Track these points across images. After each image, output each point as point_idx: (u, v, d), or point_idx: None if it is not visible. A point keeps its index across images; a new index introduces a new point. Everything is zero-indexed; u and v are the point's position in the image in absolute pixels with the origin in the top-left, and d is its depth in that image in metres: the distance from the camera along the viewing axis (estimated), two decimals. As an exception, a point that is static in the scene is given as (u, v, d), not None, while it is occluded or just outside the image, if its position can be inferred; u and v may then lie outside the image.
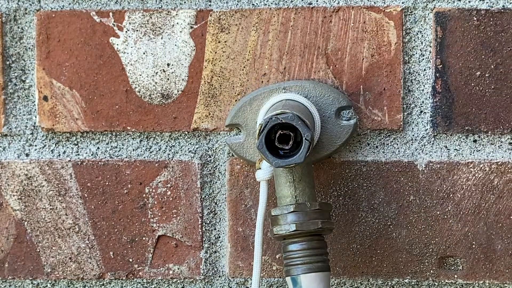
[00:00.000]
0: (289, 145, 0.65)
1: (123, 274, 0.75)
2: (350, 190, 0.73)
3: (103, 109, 0.73)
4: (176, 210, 0.74)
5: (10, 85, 0.74)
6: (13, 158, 0.75)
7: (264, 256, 0.74)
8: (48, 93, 0.74)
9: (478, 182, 0.72)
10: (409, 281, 0.73)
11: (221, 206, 0.74)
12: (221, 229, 0.74)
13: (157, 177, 0.74)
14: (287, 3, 0.72)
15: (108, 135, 0.74)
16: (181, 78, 0.73)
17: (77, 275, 0.75)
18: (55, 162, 0.74)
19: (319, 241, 0.67)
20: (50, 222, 0.74)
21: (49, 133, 0.74)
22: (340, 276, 0.74)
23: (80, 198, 0.74)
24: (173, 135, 0.74)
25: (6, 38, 0.74)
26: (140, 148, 0.74)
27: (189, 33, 0.72)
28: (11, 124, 0.74)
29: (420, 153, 0.72)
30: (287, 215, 0.67)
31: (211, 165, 0.74)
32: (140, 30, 0.73)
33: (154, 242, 0.74)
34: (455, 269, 0.73)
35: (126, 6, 0.73)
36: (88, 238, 0.74)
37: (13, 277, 0.75)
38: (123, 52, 0.73)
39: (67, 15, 0.73)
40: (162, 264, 0.74)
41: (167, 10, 0.73)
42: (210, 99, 0.73)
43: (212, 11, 0.72)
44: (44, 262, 0.75)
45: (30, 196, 0.74)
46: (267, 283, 0.74)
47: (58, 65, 0.73)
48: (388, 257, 0.73)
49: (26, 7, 0.74)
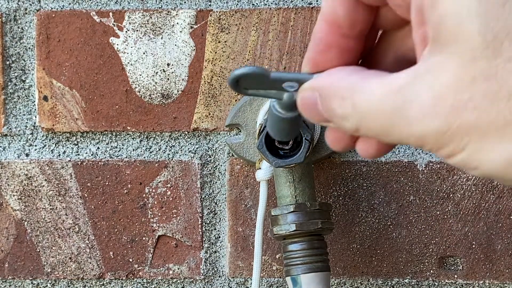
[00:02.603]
0: (289, 145, 0.65)
1: (123, 274, 0.75)
2: (350, 190, 0.73)
3: (103, 109, 0.74)
4: (176, 210, 0.74)
5: (10, 85, 0.74)
6: (13, 158, 0.75)
7: (264, 256, 0.74)
8: (48, 93, 0.74)
9: (478, 182, 0.72)
10: (409, 281, 0.73)
11: (221, 206, 0.74)
12: (221, 229, 0.74)
13: (157, 177, 0.74)
14: (287, 3, 0.72)
15: (108, 135, 0.74)
16: (181, 78, 0.73)
17: (77, 275, 0.75)
18: (55, 162, 0.74)
19: (319, 241, 0.67)
20: (50, 222, 0.74)
21: (49, 133, 0.74)
22: (340, 276, 0.74)
23: (80, 198, 0.74)
24: (173, 135, 0.74)
25: (6, 38, 0.74)
26: (140, 148, 0.74)
27: (189, 33, 0.72)
28: (11, 124, 0.74)
29: (420, 153, 0.72)
30: (287, 215, 0.67)
31: (211, 165, 0.74)
32: (140, 30, 0.73)
33: (154, 242, 0.74)
34: (455, 269, 0.73)
35: (126, 6, 0.73)
36: (88, 238, 0.74)
37: (13, 277, 0.75)
38: (123, 52, 0.73)
39: (67, 15, 0.73)
40: (162, 264, 0.74)
41: (167, 10, 0.73)
42: (210, 99, 0.73)
43: (212, 11, 0.72)
44: (44, 262, 0.75)
45: (30, 196, 0.74)
46: (267, 283, 0.74)
47: (58, 65, 0.73)
48: (388, 257, 0.73)
49: (26, 7, 0.74)
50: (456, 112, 0.41)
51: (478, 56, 0.40)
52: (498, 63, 0.40)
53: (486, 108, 0.40)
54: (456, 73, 0.41)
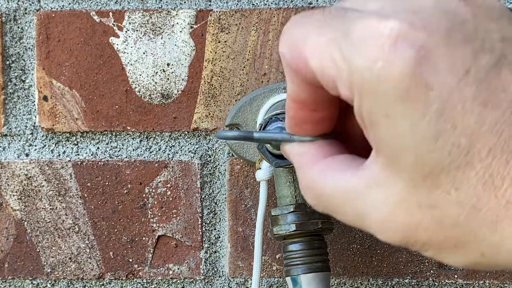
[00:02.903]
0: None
1: (123, 274, 0.75)
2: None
3: (103, 109, 0.73)
4: (176, 210, 0.74)
5: (10, 85, 0.74)
6: (13, 158, 0.75)
7: (264, 256, 0.74)
8: (48, 93, 0.74)
9: (478, 182, 0.72)
10: (409, 281, 0.73)
11: (221, 206, 0.74)
12: (221, 229, 0.74)
13: (157, 177, 0.74)
14: (287, 3, 0.72)
15: (108, 135, 0.74)
16: (181, 78, 0.73)
17: (77, 275, 0.75)
18: (55, 162, 0.74)
19: (319, 241, 0.67)
20: (50, 222, 0.74)
21: (49, 133, 0.74)
22: (340, 276, 0.74)
23: (80, 198, 0.74)
24: (173, 135, 0.74)
25: (6, 38, 0.74)
26: (140, 148, 0.74)
27: (189, 33, 0.72)
28: (11, 124, 0.74)
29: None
30: (287, 215, 0.67)
31: (211, 165, 0.74)
32: (140, 30, 0.73)
33: (154, 242, 0.74)
34: (455, 269, 0.73)
35: (126, 6, 0.73)
36: (88, 238, 0.74)
37: (13, 277, 0.75)
38: (123, 52, 0.73)
39: (67, 15, 0.73)
40: (162, 264, 0.74)
41: (167, 10, 0.73)
42: (210, 99, 0.73)
43: (212, 11, 0.72)
44: (44, 262, 0.75)
45: (30, 196, 0.74)
46: (267, 283, 0.74)
47: (58, 65, 0.73)
48: (388, 257, 0.73)
49: (26, 7, 0.74)
50: (410, 231, 0.43)
51: (420, 185, 0.42)
52: (438, 193, 0.41)
53: (435, 231, 0.42)
54: (404, 196, 0.42)
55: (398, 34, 0.41)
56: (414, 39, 0.40)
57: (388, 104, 0.41)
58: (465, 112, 0.40)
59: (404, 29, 0.41)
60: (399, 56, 0.40)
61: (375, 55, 0.41)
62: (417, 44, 0.40)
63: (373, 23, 0.41)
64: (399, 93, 0.41)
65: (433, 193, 0.42)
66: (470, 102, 0.40)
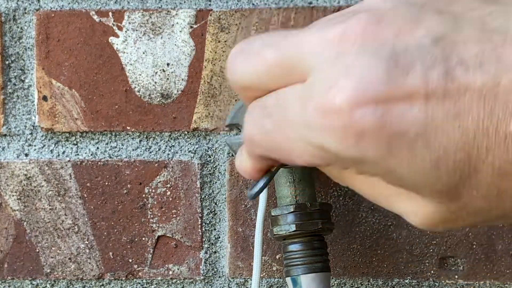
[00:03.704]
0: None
1: (122, 275, 0.75)
2: (350, 190, 0.73)
3: (102, 109, 0.73)
4: (176, 210, 0.74)
5: (10, 85, 0.74)
6: (12, 158, 0.74)
7: (264, 257, 0.74)
8: (48, 93, 0.73)
9: (479, 182, 0.72)
10: (409, 281, 0.73)
11: (221, 206, 0.74)
12: (221, 229, 0.74)
13: (156, 177, 0.74)
14: (287, 3, 0.72)
15: (108, 135, 0.74)
16: (181, 78, 0.73)
17: (76, 275, 0.75)
18: (55, 162, 0.74)
19: (319, 241, 0.67)
20: (50, 222, 0.74)
21: (48, 133, 0.74)
22: (340, 276, 0.73)
23: (80, 198, 0.74)
24: (173, 135, 0.74)
25: (5, 38, 0.74)
26: (140, 148, 0.74)
27: (189, 33, 0.72)
28: (10, 124, 0.74)
29: (420, 153, 0.72)
30: (287, 215, 0.67)
31: (211, 165, 0.74)
32: (139, 30, 0.73)
33: (153, 243, 0.74)
34: (455, 270, 0.73)
35: (126, 6, 0.73)
36: (87, 239, 0.74)
37: (13, 278, 0.75)
38: (122, 52, 0.73)
39: (66, 14, 0.73)
40: (162, 265, 0.74)
41: (167, 10, 0.73)
42: (210, 99, 0.73)
43: (212, 11, 0.72)
44: (43, 262, 0.75)
45: (30, 196, 0.74)
46: (267, 284, 0.74)
47: (58, 65, 0.73)
48: (389, 257, 0.73)
49: (26, 6, 0.73)
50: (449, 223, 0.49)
51: (445, 202, 0.47)
52: (464, 200, 0.46)
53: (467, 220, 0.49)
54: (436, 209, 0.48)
55: (350, 103, 0.44)
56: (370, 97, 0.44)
57: (380, 166, 0.46)
58: (446, 133, 0.43)
59: (355, 93, 0.44)
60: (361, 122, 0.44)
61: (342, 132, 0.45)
62: (373, 102, 0.44)
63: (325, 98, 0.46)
64: (384, 153, 0.45)
65: (460, 201, 0.46)
66: (446, 121, 0.43)
